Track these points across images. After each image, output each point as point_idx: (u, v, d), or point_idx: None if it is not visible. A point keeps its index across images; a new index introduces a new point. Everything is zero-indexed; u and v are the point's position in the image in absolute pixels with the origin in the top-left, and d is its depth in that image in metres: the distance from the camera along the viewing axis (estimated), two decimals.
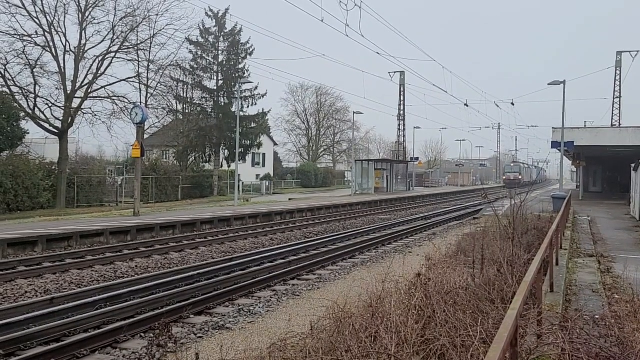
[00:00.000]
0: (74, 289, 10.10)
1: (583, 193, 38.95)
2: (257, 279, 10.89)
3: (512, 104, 56.75)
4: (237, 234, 18.57)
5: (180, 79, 43.22)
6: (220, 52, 45.19)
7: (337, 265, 13.37)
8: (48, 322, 7.55)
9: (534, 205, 19.64)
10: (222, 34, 45.00)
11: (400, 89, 58.80)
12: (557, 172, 39.83)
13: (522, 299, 3.57)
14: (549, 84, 28.96)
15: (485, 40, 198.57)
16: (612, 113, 47.67)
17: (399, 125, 59.83)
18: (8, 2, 28.01)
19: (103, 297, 8.99)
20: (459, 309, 5.05)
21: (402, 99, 58.82)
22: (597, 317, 6.35)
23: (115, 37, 32.05)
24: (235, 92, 41.33)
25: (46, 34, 29.63)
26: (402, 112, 59.10)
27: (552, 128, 31.88)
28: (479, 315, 4.85)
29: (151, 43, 34.40)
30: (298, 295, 10.02)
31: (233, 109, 43.66)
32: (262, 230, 19.70)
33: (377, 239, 17.85)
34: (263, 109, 47.22)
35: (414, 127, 61.60)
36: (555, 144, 30.86)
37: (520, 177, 71.71)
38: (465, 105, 48.83)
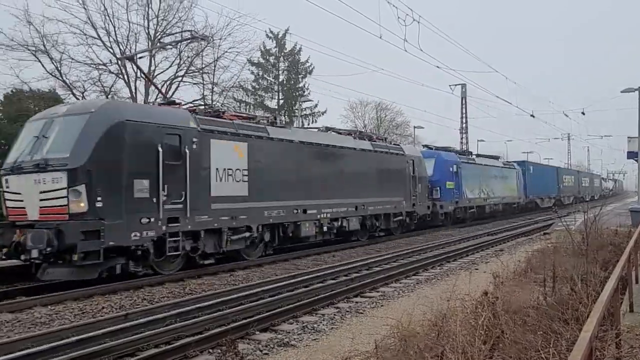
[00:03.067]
0: (147, 305, 10.50)
1: None
2: (319, 296, 10.90)
3: (583, 113, 54.10)
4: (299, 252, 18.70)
5: (243, 99, 44.48)
6: (280, 71, 46.25)
7: (400, 283, 13.17)
8: (122, 337, 7.87)
9: (610, 219, 18.58)
10: (282, 54, 46.09)
11: (461, 101, 57.70)
12: (635, 184, 37.50)
13: (597, 320, 3.39)
14: (622, 92, 27.60)
15: (552, 48, 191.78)
16: None
17: (461, 139, 58.59)
18: (85, 34, 30.06)
19: (173, 313, 9.28)
20: (529, 330, 4.85)
21: (464, 111, 57.69)
22: None
23: (181, 62, 33.60)
24: (296, 111, 42.06)
25: (119, 62, 31.48)
26: (464, 125, 57.93)
27: (628, 137, 30.24)
28: (551, 336, 4.64)
29: (215, 66, 35.76)
30: (361, 313, 9.94)
31: None
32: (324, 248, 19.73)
33: (440, 255, 17.43)
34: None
35: (477, 140, 60.22)
36: (631, 154, 29.24)
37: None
38: (532, 116, 47.22)
